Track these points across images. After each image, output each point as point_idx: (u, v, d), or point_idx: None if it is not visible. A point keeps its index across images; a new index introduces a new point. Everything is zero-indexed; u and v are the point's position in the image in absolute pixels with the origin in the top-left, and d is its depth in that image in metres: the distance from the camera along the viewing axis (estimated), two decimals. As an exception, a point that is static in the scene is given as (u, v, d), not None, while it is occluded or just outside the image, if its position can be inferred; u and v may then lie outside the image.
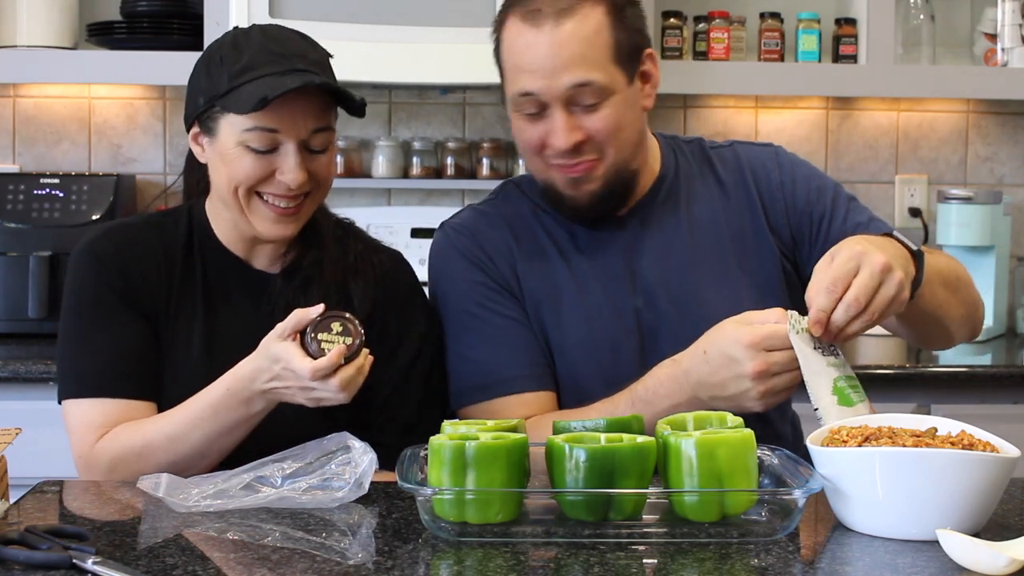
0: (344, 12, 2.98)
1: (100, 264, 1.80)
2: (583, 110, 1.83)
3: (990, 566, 1.32)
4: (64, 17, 3.22)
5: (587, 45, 1.82)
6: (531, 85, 1.82)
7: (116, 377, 1.76)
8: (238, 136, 1.75)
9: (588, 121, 1.83)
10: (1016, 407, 2.89)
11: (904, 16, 3.42)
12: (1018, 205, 3.59)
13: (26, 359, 2.74)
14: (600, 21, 1.83)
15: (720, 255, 1.93)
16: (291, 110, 1.74)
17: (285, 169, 1.75)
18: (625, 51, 1.85)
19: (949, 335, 1.95)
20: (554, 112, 1.83)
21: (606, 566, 1.36)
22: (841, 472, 1.49)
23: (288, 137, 1.75)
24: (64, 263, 2.99)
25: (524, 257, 1.93)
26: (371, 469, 1.59)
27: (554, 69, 1.81)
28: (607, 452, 1.46)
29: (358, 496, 1.58)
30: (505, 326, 1.90)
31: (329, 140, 1.80)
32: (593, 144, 1.85)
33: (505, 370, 1.88)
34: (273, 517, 1.54)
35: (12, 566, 1.33)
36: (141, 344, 1.79)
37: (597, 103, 1.83)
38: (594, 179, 1.87)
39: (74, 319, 1.80)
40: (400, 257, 1.96)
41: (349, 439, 1.61)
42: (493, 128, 3.49)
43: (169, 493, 1.55)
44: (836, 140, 3.55)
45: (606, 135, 1.84)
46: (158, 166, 3.44)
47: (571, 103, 1.83)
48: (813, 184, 1.97)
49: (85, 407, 1.76)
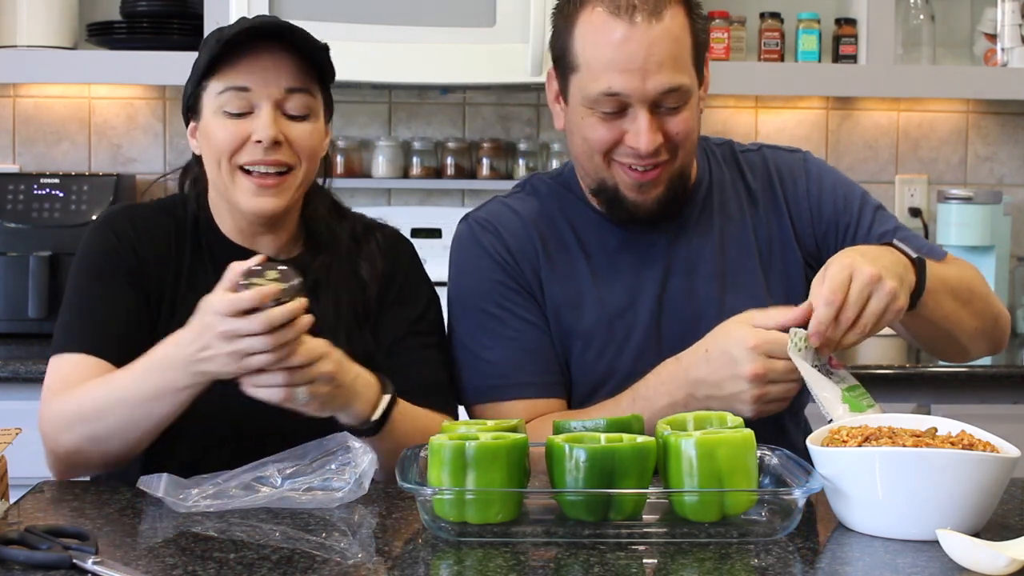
0: (344, 12, 2.98)
1: (115, 237, 1.82)
2: (665, 112, 1.78)
3: (990, 566, 1.32)
4: (64, 17, 3.22)
5: (678, 46, 1.77)
6: (620, 85, 1.75)
7: (102, 337, 1.76)
8: (214, 103, 1.77)
9: (669, 124, 1.79)
10: (1016, 407, 2.88)
11: (904, 16, 3.42)
12: (1018, 205, 3.59)
13: (26, 359, 2.74)
14: (684, 21, 1.79)
15: (747, 265, 1.91)
16: (262, 67, 1.75)
17: (257, 127, 1.75)
18: (700, 52, 1.82)
19: (962, 347, 1.92)
20: (638, 113, 1.77)
21: (606, 566, 1.36)
22: (841, 472, 1.49)
23: (260, 97, 1.75)
24: (64, 263, 3.01)
25: (548, 259, 1.90)
26: (371, 469, 1.59)
27: (647, 70, 1.74)
28: (607, 452, 1.46)
29: (358, 496, 1.58)
30: (522, 329, 1.88)
31: (308, 106, 1.78)
32: (668, 148, 1.80)
33: (518, 375, 1.86)
34: (273, 517, 1.54)
35: (12, 566, 1.33)
36: (134, 319, 1.79)
37: (679, 106, 1.78)
38: (661, 183, 1.83)
39: (77, 284, 1.82)
40: (399, 233, 1.97)
41: (349, 439, 1.61)
42: (493, 128, 3.49)
43: (168, 493, 1.55)
44: (836, 140, 3.55)
45: (682, 139, 1.80)
46: (158, 166, 3.43)
47: (657, 105, 1.77)
48: (840, 192, 1.95)
49: (64, 361, 1.76)
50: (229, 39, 1.74)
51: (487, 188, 3.44)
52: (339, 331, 1.79)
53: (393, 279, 1.89)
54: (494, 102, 3.49)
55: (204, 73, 1.77)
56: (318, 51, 1.79)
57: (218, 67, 1.77)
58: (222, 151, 1.77)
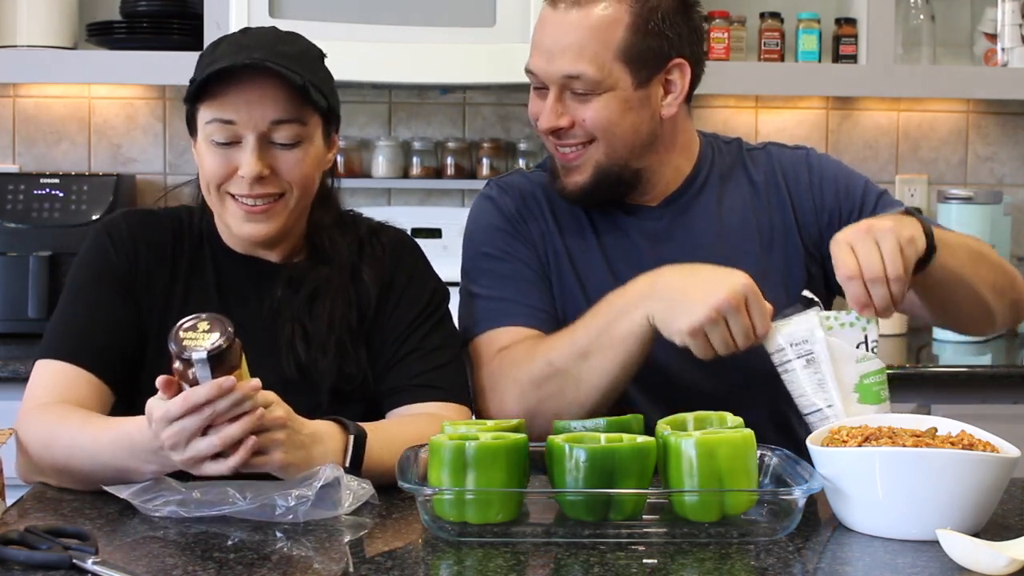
0: (344, 12, 2.97)
1: (111, 243, 1.82)
2: (575, 98, 1.87)
3: (990, 566, 1.32)
4: (64, 17, 3.22)
5: (590, 37, 1.84)
6: (533, 63, 1.89)
7: (87, 347, 1.75)
8: (203, 131, 1.76)
9: (577, 110, 1.87)
10: (1016, 407, 2.88)
11: (904, 16, 3.41)
12: (1018, 205, 3.59)
13: (26, 359, 2.74)
14: (617, 18, 1.85)
15: (746, 248, 1.95)
16: (246, 100, 1.73)
17: (242, 161, 1.74)
18: (638, 53, 1.86)
19: (987, 309, 1.91)
20: (549, 93, 1.88)
21: (606, 566, 1.36)
22: (841, 472, 1.49)
23: (246, 128, 1.74)
24: (64, 263, 3.00)
25: (560, 234, 1.97)
26: (344, 486, 1.55)
27: (552, 53, 1.86)
28: (607, 452, 1.46)
29: (334, 513, 1.53)
30: (519, 269, 1.94)
31: (297, 134, 1.76)
32: (580, 133, 1.88)
33: (511, 306, 1.92)
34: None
35: (12, 566, 1.33)
36: (122, 330, 1.78)
37: (588, 95, 1.86)
38: (582, 170, 1.90)
39: (69, 291, 1.83)
40: (404, 235, 1.96)
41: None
42: (493, 128, 3.49)
43: (135, 496, 1.54)
44: (836, 140, 3.55)
45: (592, 127, 1.87)
46: (158, 166, 3.43)
47: (566, 88, 1.87)
48: (842, 182, 2.01)
49: (47, 367, 1.76)
50: (214, 72, 1.70)
51: (487, 188, 3.44)
52: (329, 348, 1.79)
53: (395, 283, 1.88)
54: (494, 102, 3.49)
55: (193, 98, 1.76)
56: (308, 82, 1.74)
57: (204, 96, 1.75)
58: (210, 180, 1.77)
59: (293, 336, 1.79)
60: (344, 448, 1.62)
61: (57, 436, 1.66)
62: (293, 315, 1.80)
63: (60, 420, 1.68)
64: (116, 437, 1.60)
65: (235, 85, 1.73)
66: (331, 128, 1.83)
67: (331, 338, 1.80)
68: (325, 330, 1.80)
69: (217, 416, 1.48)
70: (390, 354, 1.84)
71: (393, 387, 1.82)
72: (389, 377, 1.83)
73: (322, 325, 1.80)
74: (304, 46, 1.81)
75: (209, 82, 1.72)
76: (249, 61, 1.71)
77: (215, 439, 1.49)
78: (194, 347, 1.48)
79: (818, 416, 1.69)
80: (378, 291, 1.85)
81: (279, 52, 1.75)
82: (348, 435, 1.63)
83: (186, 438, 1.49)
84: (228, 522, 1.51)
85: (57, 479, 1.68)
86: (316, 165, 1.80)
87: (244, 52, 1.73)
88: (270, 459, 1.53)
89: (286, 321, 1.80)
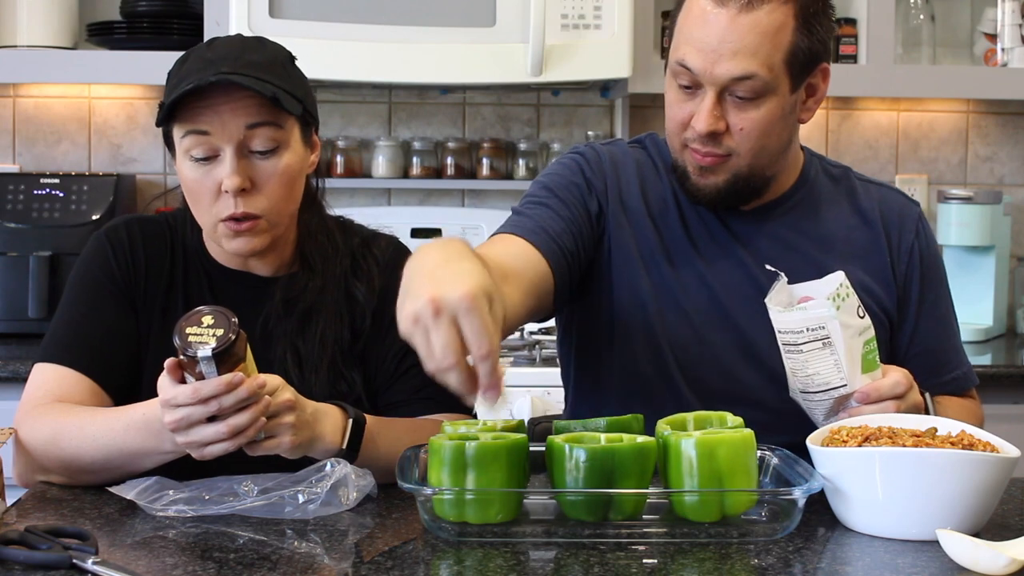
0: (344, 12, 2.97)
1: (111, 249, 1.82)
2: (735, 102, 1.78)
3: (990, 566, 1.33)
4: (64, 17, 3.22)
5: (763, 39, 1.76)
6: (692, 61, 1.78)
7: (85, 352, 1.76)
8: (180, 146, 1.75)
9: (736, 114, 1.79)
10: (1016, 407, 2.89)
11: (904, 16, 3.42)
12: (1018, 205, 3.59)
13: (26, 359, 2.74)
14: (785, 21, 1.78)
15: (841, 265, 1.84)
16: (218, 112, 1.71)
17: (223, 176, 1.73)
18: (801, 58, 1.80)
19: None
20: (706, 94, 1.78)
21: (606, 566, 1.36)
22: (841, 472, 1.49)
23: (221, 140, 1.72)
24: (64, 263, 3.01)
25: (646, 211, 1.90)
26: (353, 482, 1.57)
27: (720, 54, 1.76)
28: (607, 452, 1.46)
29: (340, 509, 1.56)
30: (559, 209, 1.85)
31: (275, 138, 1.74)
32: (732, 138, 1.80)
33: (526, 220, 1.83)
34: (273, 518, 1.53)
35: (12, 566, 1.33)
36: (120, 336, 1.79)
37: (752, 99, 1.78)
38: (721, 172, 1.83)
39: (68, 294, 1.83)
40: (398, 242, 1.94)
41: (330, 460, 1.59)
42: (493, 128, 3.50)
43: (140, 496, 1.55)
44: (836, 140, 3.55)
45: (748, 133, 1.80)
46: (158, 166, 3.44)
47: (726, 91, 1.78)
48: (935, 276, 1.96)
49: (45, 370, 1.77)
50: (184, 92, 1.69)
51: (487, 188, 3.44)
52: (321, 368, 1.79)
53: (390, 295, 1.87)
54: (494, 102, 3.49)
55: (166, 119, 1.74)
56: (279, 89, 1.72)
57: (175, 117, 1.73)
58: (196, 202, 1.76)
59: (285, 357, 1.79)
60: (344, 428, 1.65)
61: (64, 429, 1.66)
62: (285, 336, 1.80)
63: (65, 415, 1.69)
64: (130, 421, 1.63)
65: (206, 99, 1.71)
66: (310, 129, 1.82)
67: (324, 359, 1.80)
68: (317, 351, 1.80)
69: (223, 410, 1.51)
70: (391, 368, 1.83)
71: (395, 401, 1.83)
72: (390, 391, 1.83)
73: (314, 346, 1.80)
74: (272, 51, 1.78)
75: (178, 103, 1.70)
76: (215, 78, 1.69)
77: (223, 427, 1.51)
78: (199, 344, 1.49)
79: (827, 395, 1.65)
80: (372, 307, 1.84)
81: (247, 62, 1.72)
82: (348, 418, 1.66)
83: (188, 424, 1.52)
84: (228, 522, 1.51)
85: (63, 474, 1.68)
86: (299, 169, 1.79)
87: (211, 68, 1.71)
88: (280, 442, 1.56)
89: (278, 342, 1.80)
